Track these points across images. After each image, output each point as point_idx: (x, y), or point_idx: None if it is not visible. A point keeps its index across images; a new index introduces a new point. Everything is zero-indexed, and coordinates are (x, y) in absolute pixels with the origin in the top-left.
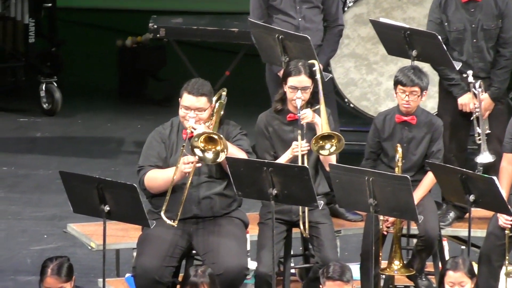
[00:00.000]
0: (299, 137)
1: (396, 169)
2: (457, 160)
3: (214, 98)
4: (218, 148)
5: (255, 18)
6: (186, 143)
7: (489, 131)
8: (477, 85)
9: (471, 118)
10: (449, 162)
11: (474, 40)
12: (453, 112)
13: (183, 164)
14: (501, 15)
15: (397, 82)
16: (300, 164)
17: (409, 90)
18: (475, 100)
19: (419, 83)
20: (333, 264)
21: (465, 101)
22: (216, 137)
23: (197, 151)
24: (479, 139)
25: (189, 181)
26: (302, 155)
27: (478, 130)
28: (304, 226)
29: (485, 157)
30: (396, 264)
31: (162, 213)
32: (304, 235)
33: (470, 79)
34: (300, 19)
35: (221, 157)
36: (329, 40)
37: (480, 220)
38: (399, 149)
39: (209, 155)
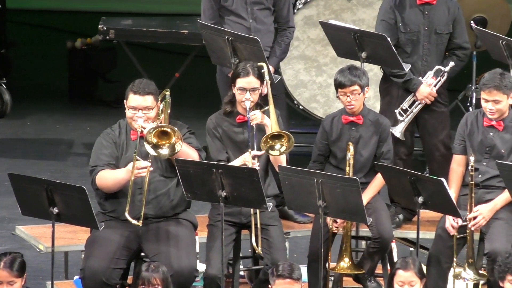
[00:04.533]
0: (250, 156)
1: (347, 167)
2: (404, 163)
3: (159, 99)
4: (173, 140)
5: (207, 19)
6: (138, 147)
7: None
8: (430, 74)
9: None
10: (396, 165)
11: (426, 43)
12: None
13: (137, 169)
14: (452, 20)
15: (337, 85)
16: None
17: (349, 91)
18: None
19: (357, 81)
20: (282, 263)
21: (426, 89)
22: (169, 130)
23: (152, 149)
24: (401, 114)
25: (146, 183)
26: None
27: (406, 106)
28: (256, 242)
29: (399, 131)
30: (346, 261)
31: (126, 214)
32: (256, 252)
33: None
34: (251, 21)
35: (178, 148)
36: (280, 42)
37: (428, 222)
38: (351, 147)
39: (165, 150)
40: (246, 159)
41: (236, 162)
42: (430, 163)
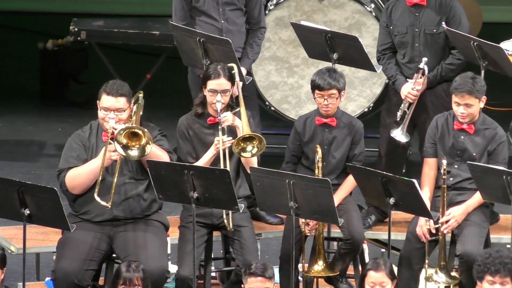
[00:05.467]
0: (220, 132)
1: (316, 170)
2: (400, 158)
3: (132, 101)
4: (143, 142)
5: (178, 20)
6: (108, 143)
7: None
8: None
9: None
10: (394, 157)
11: (416, 44)
12: (395, 114)
13: (109, 152)
14: (445, 19)
15: (314, 87)
16: (222, 163)
17: (327, 94)
18: (416, 85)
19: (336, 85)
20: (255, 262)
21: (406, 88)
22: (139, 131)
23: (121, 150)
24: (400, 116)
25: (118, 168)
26: (224, 152)
27: (402, 107)
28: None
29: (399, 134)
30: (320, 264)
31: (95, 195)
32: (228, 229)
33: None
34: (223, 21)
35: (148, 150)
36: (252, 43)
37: (400, 224)
38: (319, 150)
39: (134, 152)
40: (218, 139)
41: (209, 151)
42: None
